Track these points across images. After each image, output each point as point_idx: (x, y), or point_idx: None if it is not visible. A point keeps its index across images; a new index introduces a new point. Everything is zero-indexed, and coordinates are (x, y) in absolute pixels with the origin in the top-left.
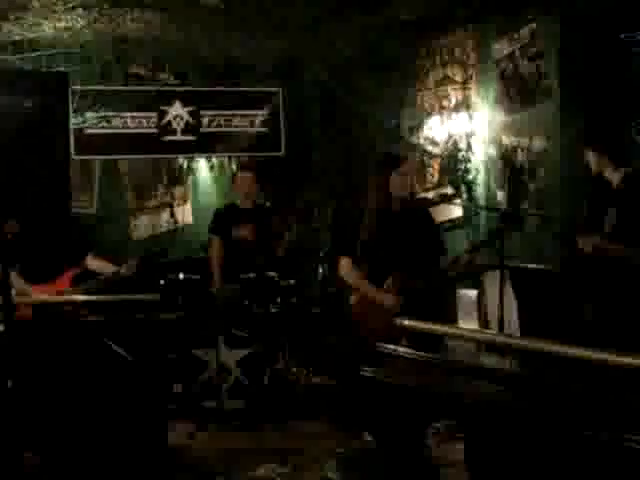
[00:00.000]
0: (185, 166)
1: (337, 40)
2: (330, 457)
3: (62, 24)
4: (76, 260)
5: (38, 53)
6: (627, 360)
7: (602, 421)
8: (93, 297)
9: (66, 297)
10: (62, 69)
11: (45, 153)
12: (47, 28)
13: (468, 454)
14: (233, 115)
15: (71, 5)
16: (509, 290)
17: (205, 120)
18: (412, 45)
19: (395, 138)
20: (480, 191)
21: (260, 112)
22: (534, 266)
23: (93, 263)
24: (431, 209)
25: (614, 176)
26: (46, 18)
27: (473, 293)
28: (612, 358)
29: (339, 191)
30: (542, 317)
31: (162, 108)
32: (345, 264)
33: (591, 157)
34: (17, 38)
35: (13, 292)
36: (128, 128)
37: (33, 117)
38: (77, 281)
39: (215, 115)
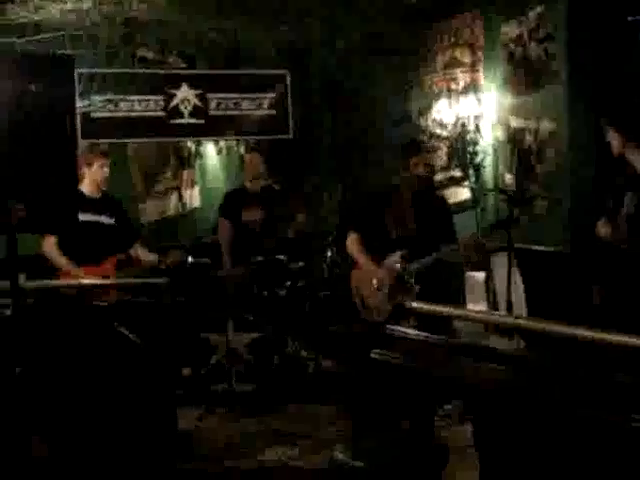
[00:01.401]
0: (193, 150)
1: (344, 24)
2: (339, 440)
3: (68, 6)
4: (125, 246)
5: (44, 36)
6: (634, 341)
7: (610, 402)
8: (101, 281)
9: (73, 281)
10: (68, 52)
11: (52, 137)
12: (53, 10)
13: (477, 436)
14: (241, 98)
15: None
16: (517, 272)
17: (213, 103)
18: (420, 28)
19: (403, 120)
20: (488, 174)
21: (268, 95)
22: (541, 248)
23: (137, 251)
24: (440, 191)
25: (638, 161)
26: (52, 0)
27: (481, 275)
28: (619, 339)
29: (347, 174)
30: (550, 299)
31: (169, 91)
32: (353, 238)
33: (613, 137)
34: (23, 21)
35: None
36: (135, 111)
37: (39, 101)
38: (120, 266)
39: (222, 98)
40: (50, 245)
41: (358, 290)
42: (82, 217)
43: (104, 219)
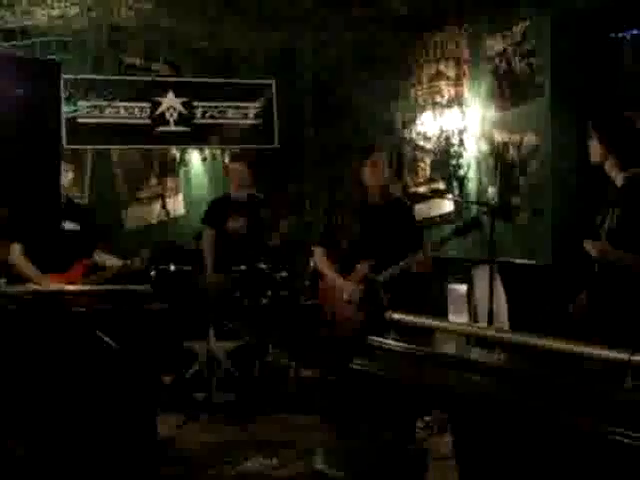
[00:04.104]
0: (177, 157)
1: (332, 33)
2: (320, 450)
3: (55, 12)
4: (87, 252)
5: (31, 41)
6: (613, 355)
7: (589, 414)
8: (84, 287)
9: (56, 287)
10: (55, 57)
11: (36, 142)
12: (40, 16)
13: (457, 447)
14: (226, 107)
15: None
16: (499, 284)
17: (198, 111)
18: (406, 39)
19: (388, 131)
20: (471, 186)
21: (253, 104)
22: (524, 261)
23: (101, 256)
24: (423, 203)
25: (618, 175)
26: (39, 5)
27: (463, 287)
28: (599, 352)
29: (331, 184)
30: (532, 311)
31: (155, 99)
32: (318, 253)
33: (595, 144)
34: (10, 26)
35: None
36: (121, 118)
37: (25, 105)
38: (87, 273)
39: (208, 106)
40: (16, 254)
41: (328, 305)
42: None
43: (67, 225)
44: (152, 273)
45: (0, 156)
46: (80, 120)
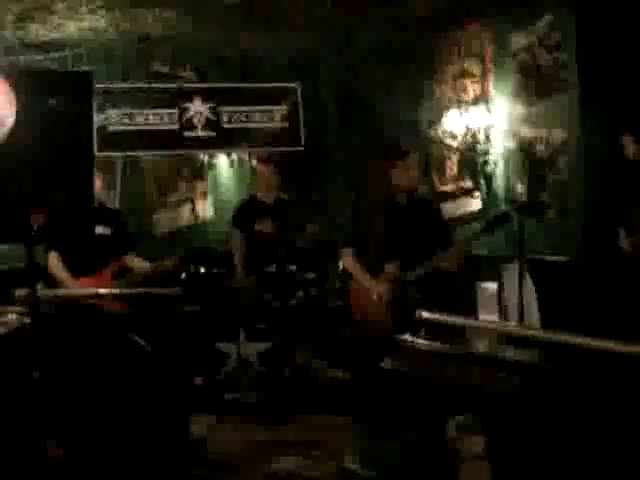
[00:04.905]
0: (205, 161)
1: (354, 35)
2: (351, 449)
3: (86, 24)
4: (119, 255)
5: (63, 53)
6: None
7: (625, 413)
8: (116, 290)
9: (90, 290)
10: (86, 68)
11: (70, 150)
12: (71, 28)
13: (489, 447)
14: (252, 111)
15: (94, 6)
16: (529, 282)
17: (225, 116)
18: (429, 39)
19: (413, 131)
20: (499, 184)
21: (279, 107)
22: (554, 258)
23: (132, 259)
24: (451, 202)
25: None
26: (70, 18)
27: (493, 286)
28: (632, 349)
29: (356, 185)
30: (563, 309)
31: (183, 105)
32: (347, 253)
33: (628, 142)
34: (43, 39)
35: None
36: (150, 125)
37: (59, 115)
38: (118, 276)
39: (234, 111)
40: (53, 260)
41: (359, 305)
42: None
43: (100, 229)
44: (183, 276)
45: (35, 165)
46: (110, 128)
